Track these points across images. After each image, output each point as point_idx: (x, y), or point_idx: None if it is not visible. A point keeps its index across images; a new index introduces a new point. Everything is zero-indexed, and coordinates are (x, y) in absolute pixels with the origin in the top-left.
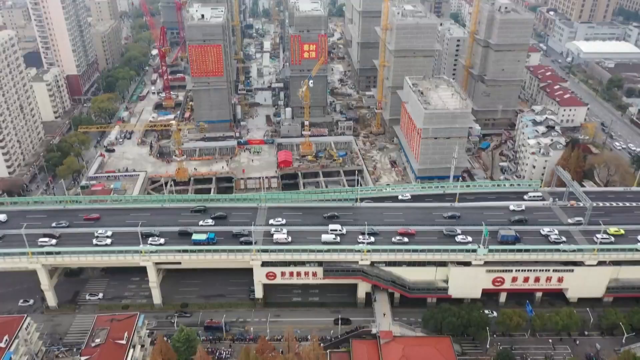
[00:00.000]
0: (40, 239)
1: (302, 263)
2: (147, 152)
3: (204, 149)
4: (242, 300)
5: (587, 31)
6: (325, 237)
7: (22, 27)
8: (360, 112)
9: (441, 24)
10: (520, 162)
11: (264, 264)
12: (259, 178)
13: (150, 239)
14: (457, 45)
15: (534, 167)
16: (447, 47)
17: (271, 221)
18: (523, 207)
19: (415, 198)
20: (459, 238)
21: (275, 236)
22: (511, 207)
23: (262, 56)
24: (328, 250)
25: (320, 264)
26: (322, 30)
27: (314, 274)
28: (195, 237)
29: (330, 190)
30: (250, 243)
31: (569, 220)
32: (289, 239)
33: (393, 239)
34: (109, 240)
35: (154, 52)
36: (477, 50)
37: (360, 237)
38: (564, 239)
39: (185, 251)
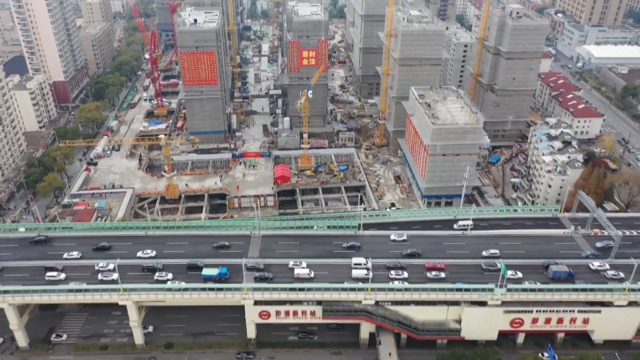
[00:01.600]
0: (47, 274)
1: (300, 302)
2: (136, 166)
3: (197, 162)
4: (233, 339)
5: (598, 35)
6: (355, 272)
7: (9, 29)
8: (362, 121)
9: (447, 28)
10: (534, 179)
11: (257, 302)
12: (255, 197)
13: (157, 273)
14: (465, 51)
15: (549, 186)
16: (453, 53)
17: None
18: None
19: (423, 225)
20: (508, 274)
21: (295, 271)
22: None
23: (260, 60)
24: (327, 289)
25: (319, 302)
26: (323, 36)
27: (312, 314)
28: (205, 272)
29: (331, 215)
30: (265, 279)
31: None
32: (312, 275)
33: (428, 275)
34: (115, 275)
35: (147, 55)
36: (486, 58)
37: (392, 272)
38: (622, 275)
39: (169, 290)
